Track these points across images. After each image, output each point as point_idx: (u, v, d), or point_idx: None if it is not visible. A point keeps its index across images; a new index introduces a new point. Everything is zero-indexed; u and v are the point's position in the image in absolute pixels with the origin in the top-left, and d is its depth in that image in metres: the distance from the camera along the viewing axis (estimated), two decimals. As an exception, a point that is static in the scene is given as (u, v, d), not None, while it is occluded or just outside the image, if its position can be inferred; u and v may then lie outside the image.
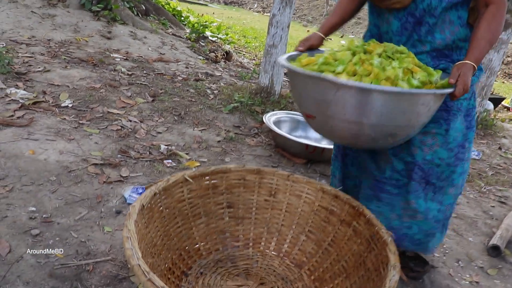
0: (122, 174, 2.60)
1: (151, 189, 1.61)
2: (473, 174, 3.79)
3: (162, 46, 5.67)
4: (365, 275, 1.55)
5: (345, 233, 1.75)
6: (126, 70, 4.31)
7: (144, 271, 1.12)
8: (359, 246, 1.66)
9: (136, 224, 1.40)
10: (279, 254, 1.94)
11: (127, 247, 1.21)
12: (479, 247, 2.65)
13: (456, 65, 1.55)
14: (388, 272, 1.31)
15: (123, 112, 3.43)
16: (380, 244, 1.51)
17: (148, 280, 1.09)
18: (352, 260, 1.67)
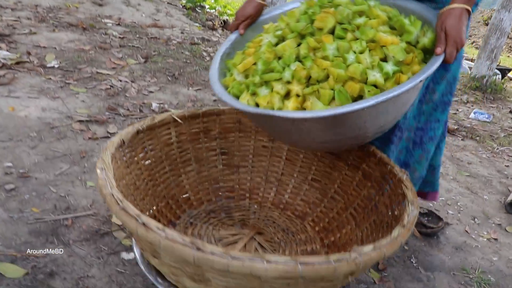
0: (110, 130, 2.41)
1: (134, 126, 1.41)
2: (484, 135, 3.59)
3: (157, 13, 5.42)
4: (378, 219, 1.35)
5: (353, 178, 1.55)
6: (117, 34, 4.09)
7: (117, 199, 0.92)
8: (369, 190, 1.47)
9: (114, 159, 1.22)
10: (279, 205, 1.75)
11: (100, 177, 1.02)
12: (495, 205, 2.46)
13: (440, 16, 1.21)
14: (406, 208, 1.11)
15: (113, 72, 3.22)
16: (394, 183, 1.32)
17: (122, 209, 0.89)
18: (362, 206, 1.48)
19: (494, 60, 4.72)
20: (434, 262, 1.87)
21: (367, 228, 1.39)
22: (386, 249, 0.92)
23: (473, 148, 3.28)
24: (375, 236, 1.30)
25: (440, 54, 1.16)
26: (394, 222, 1.22)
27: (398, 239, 0.97)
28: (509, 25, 4.61)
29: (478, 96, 4.59)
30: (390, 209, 1.30)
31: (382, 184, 1.40)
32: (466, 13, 1.20)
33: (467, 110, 4.19)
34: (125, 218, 0.86)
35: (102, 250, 1.56)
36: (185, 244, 0.79)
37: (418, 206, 1.13)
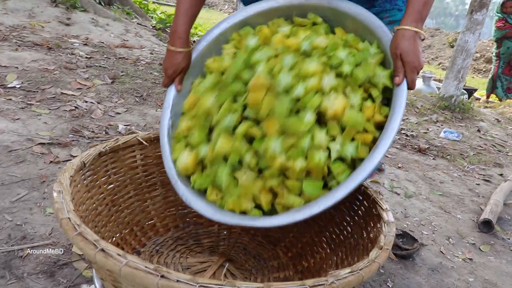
0: (73, 153, 2.29)
1: (96, 148, 1.32)
2: (455, 154, 3.62)
3: (126, 33, 5.34)
4: (353, 242, 1.30)
5: None
6: (84, 54, 3.98)
7: (74, 224, 0.84)
8: (343, 212, 1.41)
9: (73, 183, 1.13)
10: (249, 231, 1.67)
11: (56, 200, 0.94)
12: (468, 224, 2.45)
13: (392, 41, 1.13)
14: (383, 229, 1.06)
15: (79, 93, 3.11)
16: (369, 204, 1.27)
17: (79, 234, 0.81)
18: (336, 230, 1.42)
19: (461, 80, 4.82)
20: (411, 285, 1.82)
21: (342, 252, 1.33)
22: (364, 272, 0.87)
23: (444, 167, 3.29)
24: (350, 260, 1.25)
25: (400, 83, 1.08)
26: (370, 244, 1.16)
27: (376, 261, 0.92)
28: (474, 46, 4.73)
29: (447, 115, 4.67)
30: (365, 231, 1.25)
31: (355, 205, 1.35)
32: (418, 35, 1.12)
33: (437, 129, 4.23)
34: (82, 244, 0.79)
35: (60, 283, 1.44)
36: (148, 271, 0.72)
37: (394, 227, 1.08)
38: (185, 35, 1.39)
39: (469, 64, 4.79)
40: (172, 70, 1.40)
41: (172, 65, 1.40)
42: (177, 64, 1.39)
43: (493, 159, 3.70)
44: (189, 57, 1.42)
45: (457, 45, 4.80)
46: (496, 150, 3.98)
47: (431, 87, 6.65)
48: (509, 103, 6.47)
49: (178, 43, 1.38)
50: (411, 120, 4.33)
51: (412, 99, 4.92)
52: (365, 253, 1.12)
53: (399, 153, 3.39)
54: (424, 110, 4.68)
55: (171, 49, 1.39)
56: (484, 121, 4.85)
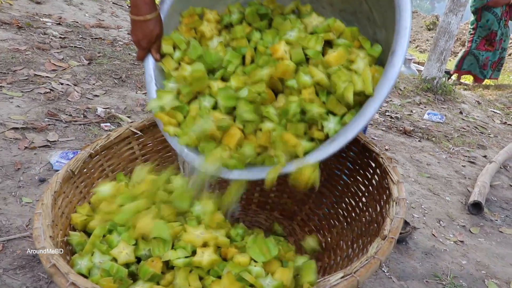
0: (50, 138, 2.16)
1: (86, 151, 1.21)
2: (440, 136, 3.60)
3: (101, 13, 5.12)
4: (368, 216, 1.22)
5: (340, 170, 1.41)
6: (58, 34, 3.78)
7: (48, 255, 0.82)
8: (358, 182, 1.33)
9: (61, 196, 1.06)
10: (265, 207, 1.61)
11: (35, 226, 0.90)
12: (457, 206, 2.43)
13: None
14: (390, 210, 0.98)
15: (54, 75, 2.95)
16: (381, 174, 1.19)
17: (52, 266, 0.79)
18: (351, 202, 1.35)
19: (444, 62, 4.80)
20: (406, 269, 1.78)
21: (358, 227, 1.25)
22: (360, 274, 0.79)
23: (430, 149, 3.27)
24: (365, 239, 1.17)
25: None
26: (383, 222, 1.08)
27: (376, 257, 0.84)
28: (456, 28, 4.70)
29: (429, 97, 4.65)
30: (379, 204, 1.17)
31: (369, 174, 1.27)
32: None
33: (420, 111, 4.22)
34: (55, 278, 0.78)
35: (40, 279, 1.34)
36: None
37: (405, 205, 1.00)
38: (152, 2, 1.19)
39: (451, 46, 4.77)
40: (147, 41, 1.24)
41: (144, 35, 1.22)
42: (149, 33, 1.22)
43: (476, 140, 3.70)
44: (160, 21, 1.24)
45: (439, 26, 4.77)
46: (479, 132, 3.99)
47: (411, 69, 6.65)
48: (487, 84, 6.52)
49: (145, 10, 1.18)
50: (394, 102, 4.29)
51: (394, 81, 4.88)
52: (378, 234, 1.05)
53: (385, 135, 3.35)
54: (407, 92, 4.66)
55: (138, 19, 1.19)
56: (466, 103, 4.87)
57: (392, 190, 1.04)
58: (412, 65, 6.91)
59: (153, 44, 1.26)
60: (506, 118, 4.72)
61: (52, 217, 0.96)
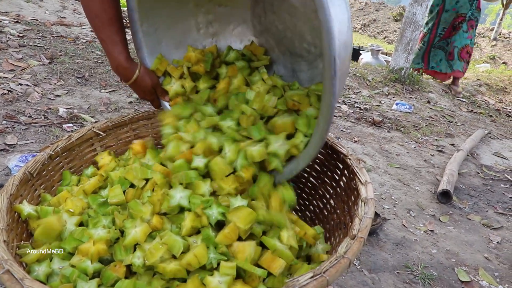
0: (8, 142, 2.06)
1: (45, 152, 1.15)
2: (408, 126, 3.64)
3: (63, 10, 4.96)
4: (336, 218, 1.20)
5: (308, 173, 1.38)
6: (16, 32, 3.63)
7: (2, 260, 0.75)
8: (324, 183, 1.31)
9: (18, 199, 1.01)
10: None
11: None
12: (427, 196, 2.46)
13: None
14: (358, 210, 0.97)
15: (12, 75, 2.82)
16: (349, 175, 1.17)
17: (6, 272, 0.73)
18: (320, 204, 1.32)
19: (410, 52, 4.86)
20: (377, 262, 1.78)
21: (326, 229, 1.22)
22: (329, 274, 0.76)
23: (399, 139, 3.30)
24: (333, 240, 1.14)
25: None
26: (351, 223, 1.07)
27: (346, 256, 0.81)
28: (422, 18, 4.76)
29: (398, 87, 4.70)
30: (347, 206, 1.15)
31: (337, 176, 1.25)
32: None
33: (389, 101, 4.25)
34: (8, 284, 0.72)
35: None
36: None
37: (373, 205, 0.99)
38: (129, 62, 1.23)
39: (417, 36, 4.82)
40: (149, 93, 1.32)
41: (143, 91, 1.31)
42: (145, 87, 1.30)
43: (444, 129, 3.76)
44: (148, 72, 1.30)
45: (405, 17, 4.82)
46: (446, 121, 4.05)
47: (379, 60, 6.73)
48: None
49: (127, 74, 1.24)
50: (363, 93, 4.32)
51: (363, 72, 4.92)
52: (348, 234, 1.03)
53: (354, 127, 3.36)
54: (375, 83, 4.70)
55: (129, 83, 1.27)
56: (433, 92, 4.94)
57: (361, 190, 1.03)
58: (380, 56, 6.99)
59: (157, 93, 1.34)
60: (472, 106, 4.82)
61: (7, 221, 0.90)
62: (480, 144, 3.48)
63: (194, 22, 1.41)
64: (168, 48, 1.38)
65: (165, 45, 1.36)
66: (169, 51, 1.38)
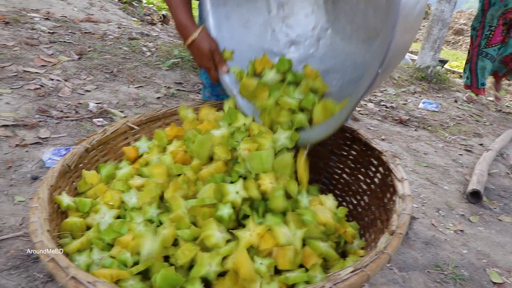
0: (41, 135, 2.11)
1: (82, 145, 1.17)
2: (435, 125, 3.59)
3: (90, 7, 5.03)
4: (371, 214, 1.19)
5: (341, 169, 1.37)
6: (47, 29, 3.71)
7: (47, 248, 0.77)
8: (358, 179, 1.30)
9: (57, 190, 1.02)
10: None
11: (31, 220, 0.85)
12: (456, 195, 2.42)
13: None
14: (396, 206, 0.95)
15: (43, 71, 2.88)
16: (384, 171, 1.16)
17: (51, 260, 0.74)
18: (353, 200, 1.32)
19: (437, 50, 4.78)
20: (407, 260, 1.76)
21: (361, 226, 1.22)
22: (370, 269, 0.75)
23: (426, 138, 3.26)
24: (368, 237, 1.14)
25: None
26: (387, 221, 1.06)
27: (386, 252, 0.80)
28: (450, 16, 4.68)
29: (424, 86, 4.64)
30: (382, 203, 1.14)
31: (371, 172, 1.24)
32: None
33: (415, 100, 4.20)
34: (54, 271, 0.73)
35: (36, 279, 1.30)
36: None
37: (411, 201, 0.98)
38: (188, 22, 1.26)
39: (445, 34, 4.75)
40: (206, 60, 1.30)
41: (201, 55, 1.30)
42: (204, 50, 1.28)
43: (472, 129, 3.69)
44: (208, 37, 1.29)
45: (432, 15, 4.75)
46: (474, 120, 3.98)
47: (405, 58, 6.64)
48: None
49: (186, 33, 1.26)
50: (389, 92, 4.27)
51: (388, 71, 4.86)
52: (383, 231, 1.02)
53: (381, 125, 3.33)
54: (401, 81, 4.64)
55: (187, 44, 1.28)
56: (460, 91, 4.86)
57: (397, 187, 1.01)
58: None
59: (215, 60, 1.31)
60: (501, 105, 4.72)
61: (48, 212, 0.92)
62: (510, 144, 3.41)
63: (266, 3, 1.39)
64: (236, 25, 1.38)
65: (233, 21, 1.36)
66: (237, 28, 1.38)
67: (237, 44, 1.36)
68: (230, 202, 0.96)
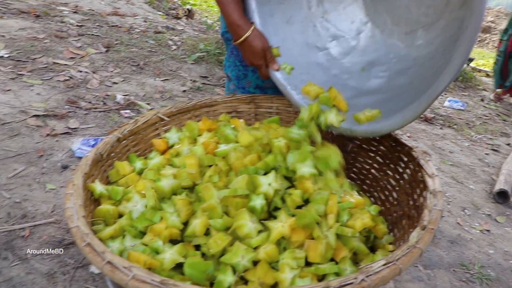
0: (70, 125, 2.15)
1: (114, 135, 1.19)
2: (461, 123, 3.54)
3: (117, 1, 5.10)
4: (399, 210, 1.19)
5: (370, 164, 1.38)
6: (75, 22, 3.78)
7: (83, 233, 0.79)
8: (387, 175, 1.30)
9: (90, 178, 1.05)
10: None
11: (67, 206, 0.87)
12: (482, 195, 2.38)
13: None
14: (427, 201, 0.95)
15: (72, 63, 2.94)
16: (414, 167, 1.15)
17: (87, 244, 0.77)
18: (382, 196, 1.32)
19: (464, 48, 4.70)
20: (432, 258, 1.75)
21: (388, 221, 1.22)
22: (402, 262, 0.75)
23: (452, 137, 3.21)
24: (397, 232, 1.14)
25: None
26: (416, 216, 1.06)
27: (417, 246, 0.80)
28: (478, 12, 4.59)
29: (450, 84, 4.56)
30: (411, 198, 1.14)
31: (400, 168, 1.24)
32: None
33: (441, 98, 4.14)
34: (90, 256, 0.76)
35: (67, 264, 1.34)
36: (154, 284, 0.69)
37: (442, 197, 0.97)
38: (241, 21, 1.27)
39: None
40: (258, 58, 1.31)
41: (253, 54, 1.31)
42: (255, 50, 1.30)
43: (499, 128, 3.62)
44: (259, 35, 1.31)
45: (460, 11, 4.66)
46: (501, 120, 3.90)
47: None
48: None
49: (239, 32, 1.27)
50: (414, 89, 4.22)
51: (413, 68, 4.80)
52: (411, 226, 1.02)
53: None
54: (426, 79, 4.58)
55: (239, 42, 1.29)
56: (487, 90, 4.77)
57: (428, 182, 1.01)
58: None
59: (266, 58, 1.33)
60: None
61: (83, 198, 0.95)
62: (538, 145, 3.34)
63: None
64: (279, 22, 1.40)
65: (276, 18, 1.39)
66: (281, 25, 1.40)
67: (282, 40, 1.39)
68: (262, 193, 0.97)
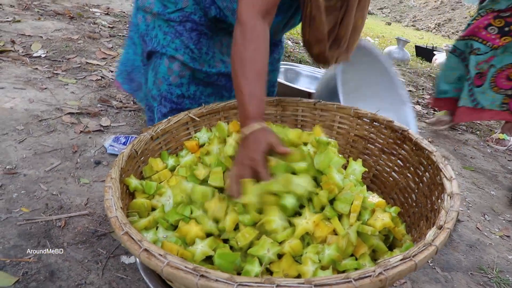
0: (102, 123, 2.26)
1: (148, 133, 1.28)
2: (484, 129, 3.52)
3: (146, 3, 5.24)
4: (417, 212, 1.24)
5: (390, 167, 1.43)
6: (107, 23, 3.92)
7: (121, 223, 0.86)
8: (407, 178, 1.35)
9: (125, 173, 1.12)
10: None
11: (106, 197, 0.95)
12: (503, 201, 2.39)
13: None
14: (444, 203, 1.00)
15: (104, 63, 3.07)
16: (433, 170, 1.20)
17: (125, 233, 0.83)
18: (401, 197, 1.37)
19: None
20: (450, 261, 1.78)
21: (407, 222, 1.27)
22: (418, 258, 0.79)
23: (474, 143, 3.21)
24: (414, 233, 1.19)
25: None
26: (434, 217, 1.10)
27: (433, 244, 0.84)
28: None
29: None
30: (430, 200, 1.18)
31: (420, 171, 1.29)
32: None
33: (465, 104, 4.12)
34: (128, 244, 0.82)
35: (100, 254, 1.43)
36: (188, 271, 0.74)
37: (459, 199, 1.02)
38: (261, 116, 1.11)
39: (499, 36, 4.61)
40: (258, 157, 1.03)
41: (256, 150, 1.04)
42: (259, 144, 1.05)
43: (524, 135, 3.59)
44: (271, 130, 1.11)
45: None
46: (527, 126, 3.86)
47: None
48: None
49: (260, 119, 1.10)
50: (438, 95, 4.22)
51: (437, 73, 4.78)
52: (428, 226, 1.07)
53: (428, 127, 3.31)
54: (451, 84, 4.56)
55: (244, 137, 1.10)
56: None
57: (446, 185, 1.06)
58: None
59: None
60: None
61: (120, 191, 1.03)
62: None
63: None
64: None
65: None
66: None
67: None
68: (296, 194, 1.03)
